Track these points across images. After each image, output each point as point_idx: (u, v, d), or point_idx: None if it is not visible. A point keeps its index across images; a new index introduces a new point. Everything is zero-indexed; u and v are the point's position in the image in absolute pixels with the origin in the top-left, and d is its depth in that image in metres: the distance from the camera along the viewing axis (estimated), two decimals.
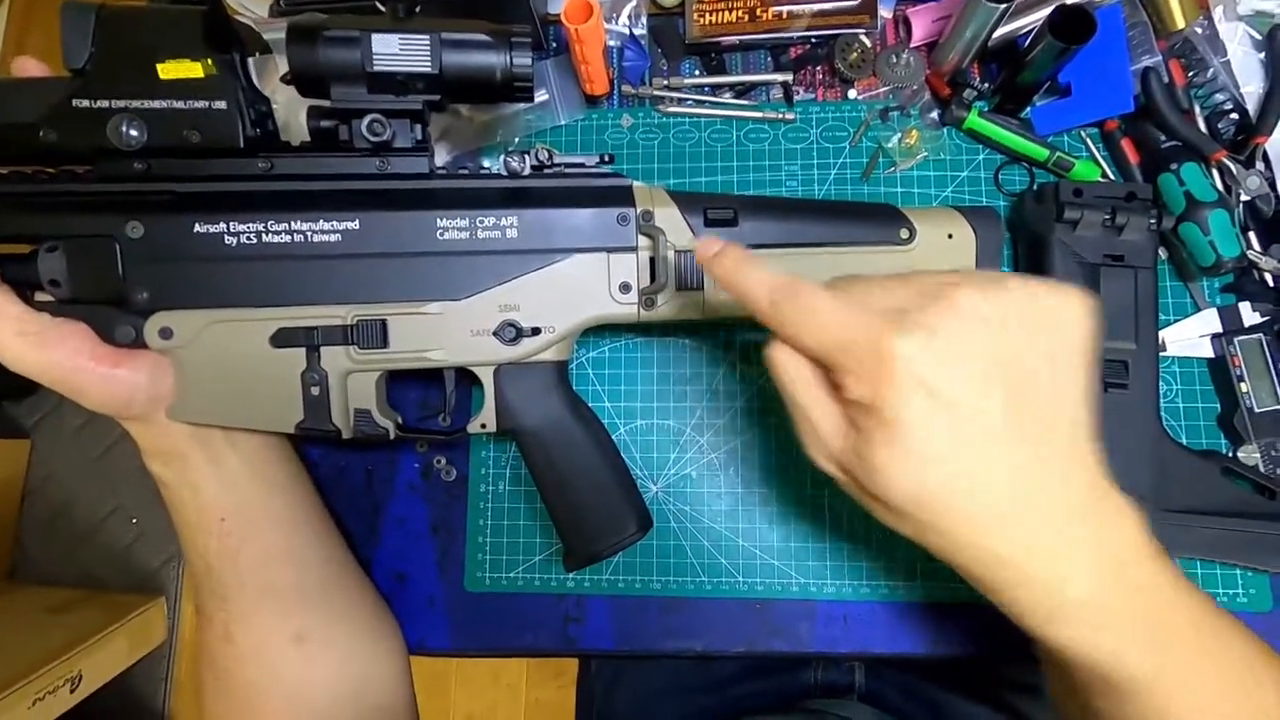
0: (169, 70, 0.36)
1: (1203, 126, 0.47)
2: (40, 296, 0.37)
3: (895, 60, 0.50)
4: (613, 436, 0.47)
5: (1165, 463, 0.42)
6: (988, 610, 0.44)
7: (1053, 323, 0.27)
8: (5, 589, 1.26)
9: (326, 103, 0.38)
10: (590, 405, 0.47)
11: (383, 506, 0.48)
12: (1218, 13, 0.47)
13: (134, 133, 0.36)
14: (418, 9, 0.47)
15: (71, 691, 1.05)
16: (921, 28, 0.50)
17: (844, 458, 0.28)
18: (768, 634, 0.45)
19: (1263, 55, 0.47)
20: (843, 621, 0.45)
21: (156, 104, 0.36)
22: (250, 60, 0.48)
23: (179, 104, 0.36)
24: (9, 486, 1.33)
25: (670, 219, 0.39)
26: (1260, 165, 0.45)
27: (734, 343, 0.48)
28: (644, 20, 0.53)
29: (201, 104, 0.36)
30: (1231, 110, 0.47)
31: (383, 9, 0.48)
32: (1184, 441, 0.45)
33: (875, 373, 0.26)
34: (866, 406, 0.26)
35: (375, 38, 0.37)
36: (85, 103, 0.35)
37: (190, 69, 0.37)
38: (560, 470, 0.40)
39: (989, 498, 0.26)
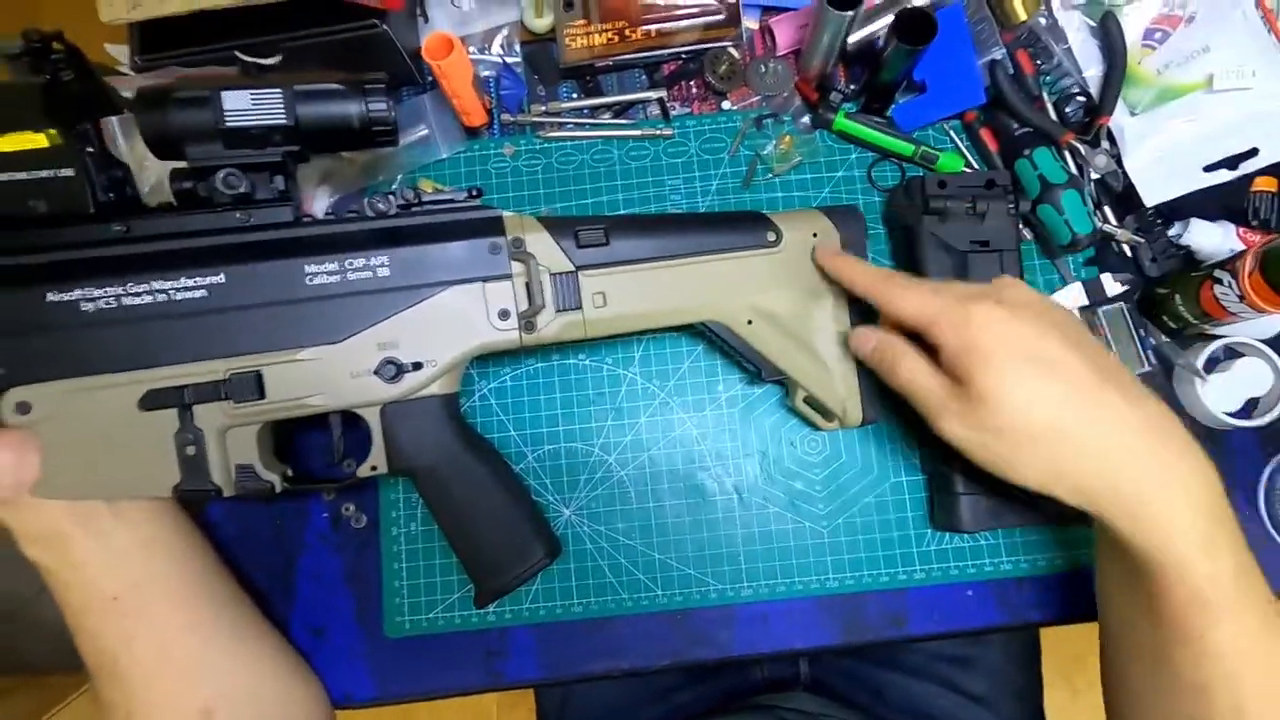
0: (8, 143, 0.35)
1: (1052, 112, 0.49)
2: None
3: (764, 69, 0.52)
4: (520, 465, 0.47)
5: None
6: (899, 595, 0.46)
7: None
8: None
9: (184, 164, 0.38)
10: (495, 436, 0.47)
11: (293, 561, 0.47)
12: (1055, 3, 0.50)
13: None
14: (278, 58, 0.47)
15: None
16: (785, 35, 0.51)
17: (955, 405, 0.35)
18: (691, 643, 0.46)
19: (1099, 41, 0.49)
20: (762, 622, 0.46)
21: None
22: (114, 121, 0.47)
23: (21, 175, 0.35)
24: None
25: (542, 243, 0.40)
26: (1106, 144, 0.48)
27: (634, 358, 0.49)
28: (517, 48, 0.53)
29: (46, 173, 0.36)
30: (1079, 94, 0.50)
31: (244, 59, 0.47)
32: None
33: (964, 324, 0.34)
34: (962, 351, 0.34)
35: (225, 95, 0.37)
36: None
37: (33, 140, 0.36)
38: (459, 505, 0.40)
39: (1101, 436, 0.33)
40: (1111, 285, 0.48)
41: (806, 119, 0.51)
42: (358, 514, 0.47)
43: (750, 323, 0.42)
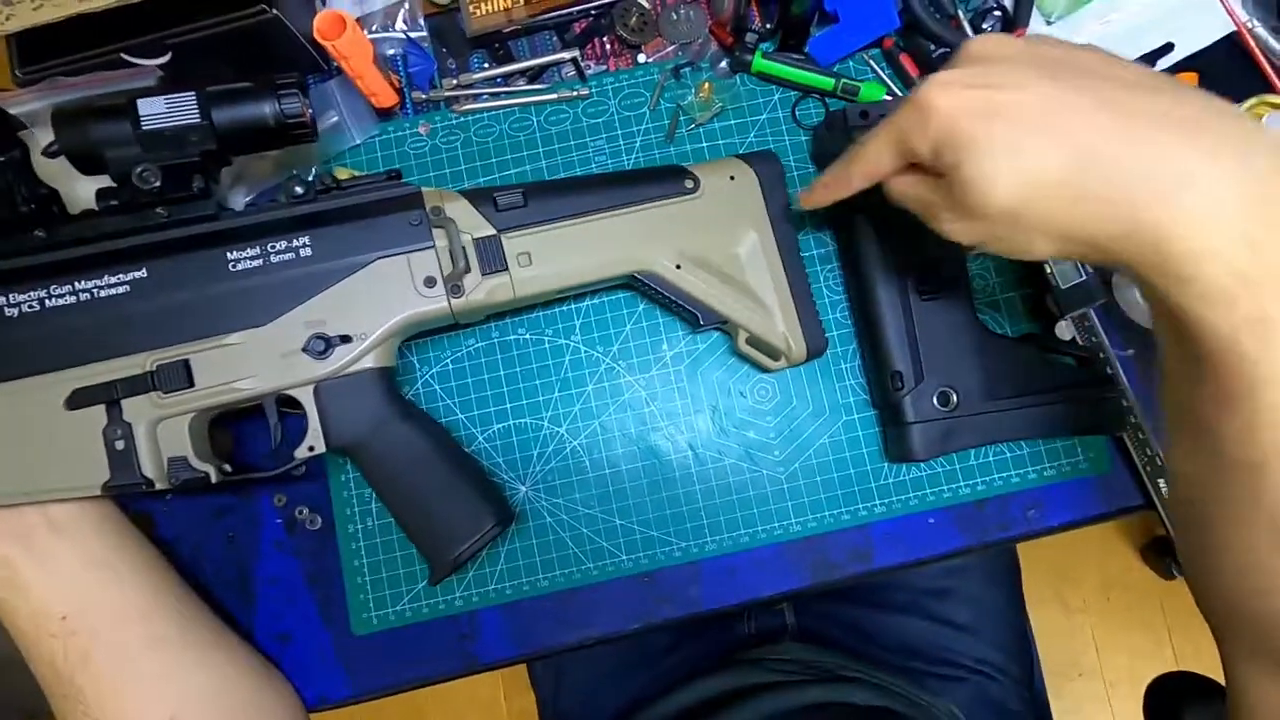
0: None
1: (969, 29, 0.49)
2: None
3: (675, 17, 0.50)
4: (471, 446, 0.47)
5: (988, 355, 0.44)
6: (862, 531, 0.46)
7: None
8: None
9: (108, 181, 0.38)
10: (442, 420, 0.47)
11: (251, 570, 0.46)
12: None
13: None
14: (167, 57, 0.45)
15: None
16: None
17: (942, 201, 0.31)
18: (659, 603, 0.45)
19: None
20: (729, 574, 0.46)
21: None
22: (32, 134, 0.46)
23: None
24: None
25: (460, 210, 0.40)
26: None
27: (574, 326, 0.48)
28: (421, 22, 0.51)
29: None
30: (995, 8, 0.49)
31: (130, 60, 0.46)
32: (1008, 332, 0.47)
33: (923, 120, 0.29)
34: (935, 150, 0.29)
35: (141, 102, 0.37)
36: None
37: None
38: (402, 479, 0.39)
39: (1089, 143, 0.26)
40: None
41: (725, 64, 0.50)
42: (311, 516, 0.47)
43: (679, 268, 0.42)
